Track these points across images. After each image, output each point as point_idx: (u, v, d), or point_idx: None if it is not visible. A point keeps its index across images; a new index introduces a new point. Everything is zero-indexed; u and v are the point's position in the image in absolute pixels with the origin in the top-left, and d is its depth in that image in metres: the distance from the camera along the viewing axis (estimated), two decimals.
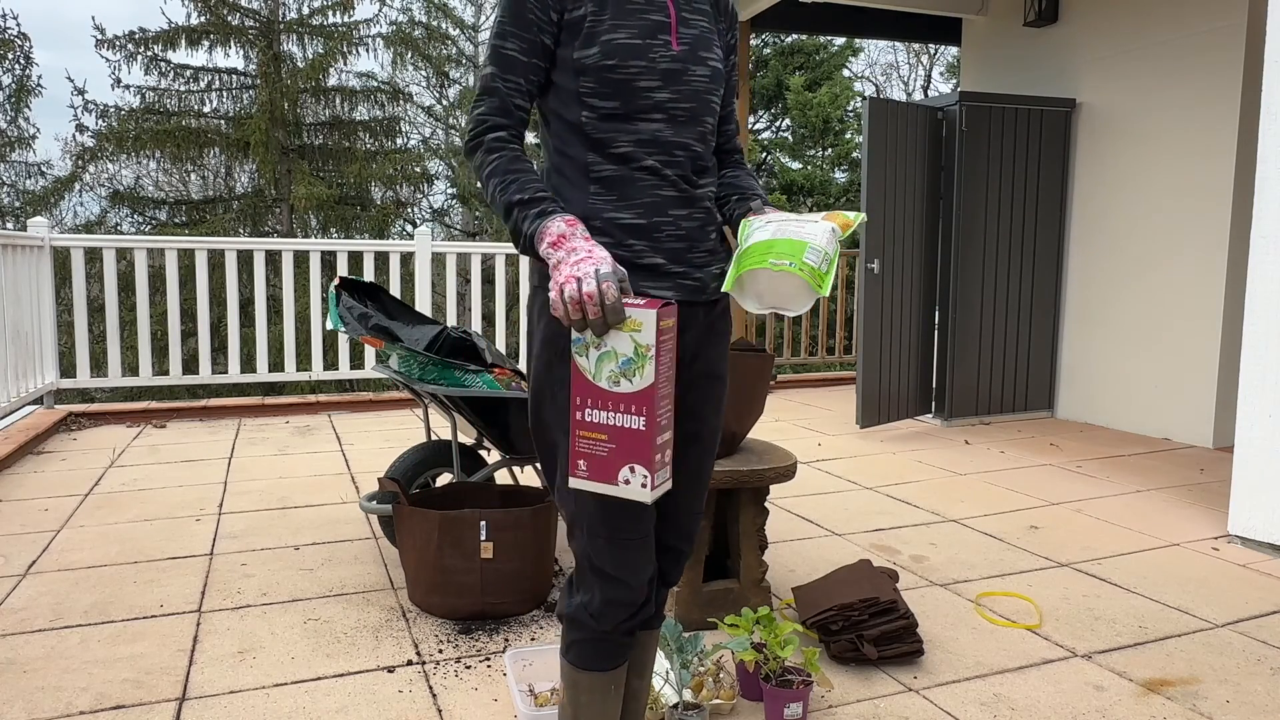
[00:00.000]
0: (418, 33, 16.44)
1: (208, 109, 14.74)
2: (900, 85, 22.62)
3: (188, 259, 8.85)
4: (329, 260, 7.18)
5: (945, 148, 5.38)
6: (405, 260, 6.64)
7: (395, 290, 5.97)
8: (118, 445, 4.74)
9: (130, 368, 5.77)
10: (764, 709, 1.99)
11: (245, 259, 7.77)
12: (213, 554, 3.07)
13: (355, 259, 7.33)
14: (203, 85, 14.70)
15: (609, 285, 1.21)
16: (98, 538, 3.22)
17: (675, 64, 1.39)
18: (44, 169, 15.49)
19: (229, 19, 14.26)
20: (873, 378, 5.19)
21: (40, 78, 17.76)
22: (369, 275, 5.88)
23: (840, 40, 16.89)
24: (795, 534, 3.34)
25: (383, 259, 7.33)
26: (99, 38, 13.82)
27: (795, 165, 17.43)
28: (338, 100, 15.08)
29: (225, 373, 5.80)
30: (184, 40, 14.06)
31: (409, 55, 16.18)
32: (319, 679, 2.19)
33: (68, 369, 5.73)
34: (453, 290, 6.19)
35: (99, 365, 5.95)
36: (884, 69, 25.60)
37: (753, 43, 12.40)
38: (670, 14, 1.41)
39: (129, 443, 4.81)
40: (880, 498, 3.86)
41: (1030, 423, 5.58)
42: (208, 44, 14.18)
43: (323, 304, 5.86)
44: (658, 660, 2.07)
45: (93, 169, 14.60)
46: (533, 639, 2.42)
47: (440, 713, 2.03)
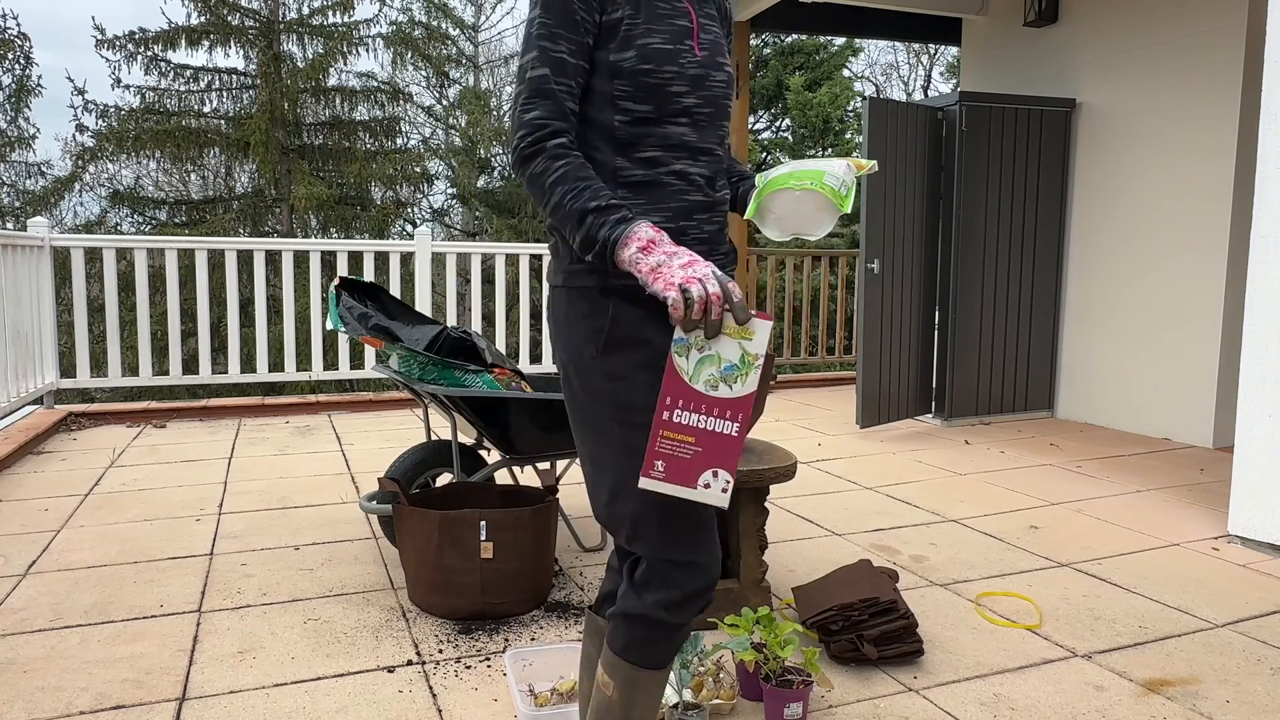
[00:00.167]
0: (418, 33, 16.44)
1: (208, 109, 14.75)
2: (900, 85, 22.63)
3: (188, 259, 8.86)
4: (329, 260, 7.19)
5: (945, 148, 5.38)
6: (405, 260, 6.65)
7: (395, 290, 5.97)
8: (118, 445, 4.74)
9: (130, 368, 5.77)
10: (764, 709, 1.99)
11: (245, 259, 7.78)
12: (213, 554, 3.07)
13: (355, 259, 7.34)
14: (203, 85, 14.70)
15: (734, 286, 1.23)
16: (98, 538, 3.22)
17: (699, 69, 1.42)
18: (44, 169, 15.50)
19: (229, 19, 14.26)
20: (873, 378, 5.19)
21: (40, 78, 17.78)
22: (369, 275, 5.88)
23: (840, 40, 16.90)
24: (795, 534, 3.34)
25: (383, 259, 7.34)
26: (99, 38, 13.83)
27: None
28: (338, 100, 15.08)
29: (225, 373, 5.80)
30: (184, 40, 14.06)
31: (409, 55, 16.18)
32: (319, 679, 2.19)
33: (68, 369, 5.73)
34: (453, 290, 6.20)
35: (99, 365, 5.95)
36: (884, 69, 25.61)
37: (753, 43, 12.39)
38: (692, 19, 1.43)
39: (129, 443, 4.81)
40: (880, 498, 3.86)
41: (1030, 423, 5.58)
42: (208, 44, 14.19)
43: (323, 304, 5.87)
44: None
45: (93, 169, 14.61)
46: (533, 639, 2.42)
47: (440, 713, 2.03)
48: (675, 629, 1.42)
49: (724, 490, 1.25)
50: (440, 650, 2.35)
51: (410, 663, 2.27)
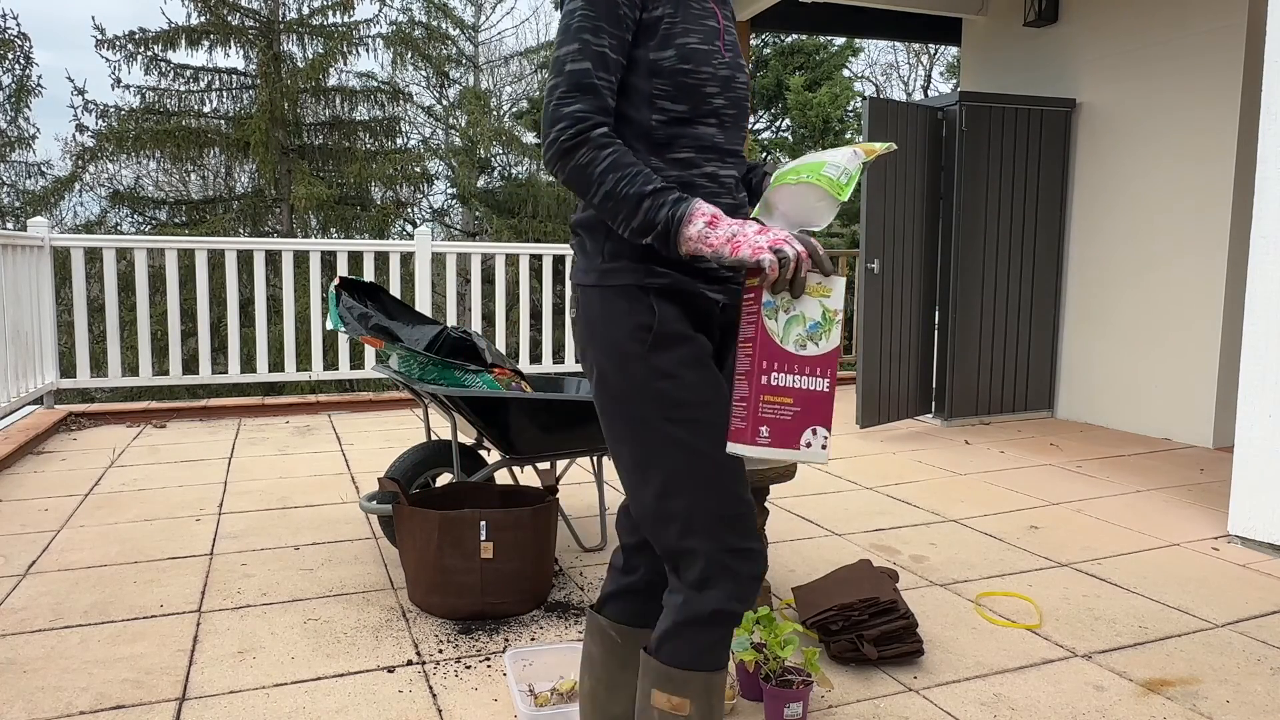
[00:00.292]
0: (418, 33, 16.42)
1: (208, 109, 14.73)
2: (900, 85, 22.63)
3: (188, 259, 8.86)
4: (329, 260, 7.18)
5: (945, 148, 5.38)
6: (405, 260, 6.65)
7: (395, 290, 5.98)
8: (118, 445, 4.74)
9: (130, 368, 5.77)
10: (764, 709, 1.99)
11: (245, 259, 7.78)
12: (213, 554, 3.07)
13: (355, 259, 7.34)
14: (203, 85, 14.69)
15: (815, 243, 1.27)
16: (98, 538, 3.22)
17: (728, 70, 1.42)
18: (44, 169, 15.49)
19: (229, 19, 14.25)
20: (873, 378, 5.19)
21: (40, 78, 17.74)
22: (369, 275, 5.88)
23: (840, 40, 16.90)
24: (795, 534, 3.34)
25: (383, 259, 7.34)
26: (99, 38, 13.82)
27: None
28: (338, 100, 15.07)
29: (225, 373, 5.80)
30: (184, 40, 14.05)
31: (409, 55, 16.17)
32: (319, 679, 2.19)
33: (68, 369, 5.73)
34: (453, 290, 6.20)
35: (99, 365, 5.95)
36: (884, 69, 25.59)
37: (753, 43, 12.40)
38: (719, 20, 1.43)
39: (129, 443, 4.81)
40: (880, 498, 3.86)
41: (1030, 423, 5.58)
42: (208, 44, 14.17)
43: (323, 304, 5.87)
44: None
45: (93, 169, 14.59)
46: (533, 639, 2.42)
47: (440, 713, 2.03)
48: (739, 620, 1.40)
49: (824, 447, 1.29)
50: (440, 650, 2.35)
51: (410, 663, 2.27)
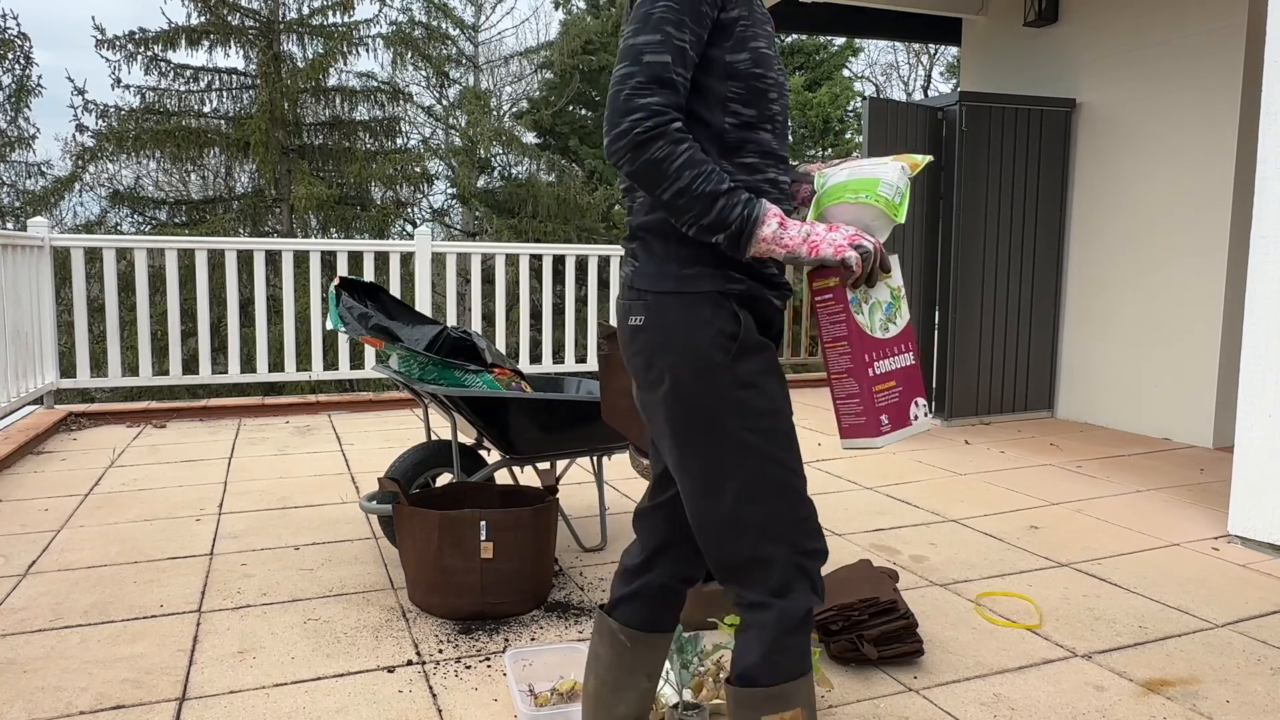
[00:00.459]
0: (418, 33, 16.42)
1: (208, 109, 14.73)
2: (900, 85, 22.64)
3: (188, 259, 8.86)
4: (329, 260, 7.18)
5: (945, 148, 5.38)
6: (405, 260, 6.64)
7: (395, 290, 5.98)
8: (118, 445, 4.74)
9: (130, 368, 5.77)
10: None
11: (245, 259, 7.77)
12: (213, 554, 3.07)
13: (355, 259, 7.33)
14: (203, 85, 14.69)
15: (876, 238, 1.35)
16: (98, 538, 3.22)
17: (783, 77, 1.43)
18: (44, 169, 15.50)
19: (229, 19, 14.25)
20: None
21: (40, 78, 17.73)
22: (369, 275, 5.88)
23: (840, 40, 16.90)
24: None
25: (383, 259, 7.34)
26: (99, 38, 13.82)
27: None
28: (338, 100, 15.07)
29: (225, 373, 5.80)
30: (184, 40, 14.05)
31: (409, 55, 16.16)
32: (319, 679, 2.19)
33: (68, 369, 5.73)
34: (453, 290, 6.20)
35: (99, 365, 5.95)
36: (884, 69, 25.59)
37: None
38: (773, 26, 1.44)
39: (129, 443, 4.81)
40: (880, 498, 3.86)
41: (1030, 423, 5.58)
42: (208, 44, 14.17)
43: (323, 304, 5.87)
44: None
45: (93, 169, 14.59)
46: (533, 639, 2.42)
47: (440, 713, 2.03)
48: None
49: (927, 414, 1.38)
50: (440, 650, 2.35)
51: (410, 663, 2.27)
